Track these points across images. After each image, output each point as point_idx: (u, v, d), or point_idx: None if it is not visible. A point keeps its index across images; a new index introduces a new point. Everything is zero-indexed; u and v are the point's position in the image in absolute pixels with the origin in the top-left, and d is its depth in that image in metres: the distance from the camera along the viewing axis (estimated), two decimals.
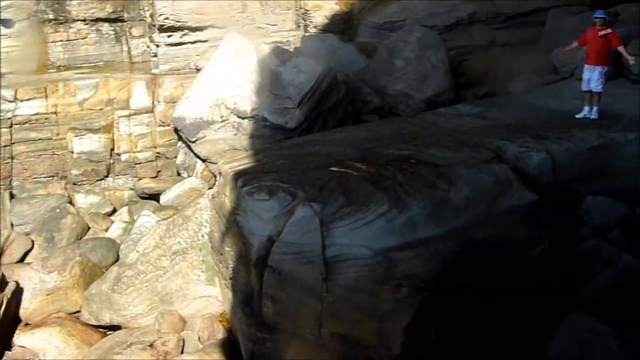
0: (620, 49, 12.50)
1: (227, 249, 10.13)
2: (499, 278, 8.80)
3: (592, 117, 12.63)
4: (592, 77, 12.57)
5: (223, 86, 14.91)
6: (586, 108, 12.78)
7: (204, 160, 15.36)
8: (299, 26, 19.08)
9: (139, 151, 16.57)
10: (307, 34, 18.82)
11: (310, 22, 18.97)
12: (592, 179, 11.45)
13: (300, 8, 18.98)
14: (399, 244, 8.41)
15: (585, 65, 12.73)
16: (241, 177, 10.07)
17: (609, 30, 12.47)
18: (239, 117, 14.63)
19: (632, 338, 7.92)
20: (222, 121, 14.77)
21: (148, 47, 18.38)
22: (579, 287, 9.45)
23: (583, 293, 9.39)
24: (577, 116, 12.76)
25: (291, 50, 17.30)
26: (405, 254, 8.35)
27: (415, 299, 8.28)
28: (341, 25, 19.12)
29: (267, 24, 18.52)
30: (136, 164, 16.60)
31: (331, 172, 9.90)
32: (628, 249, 10.44)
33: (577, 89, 13.18)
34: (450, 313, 8.53)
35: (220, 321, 11.09)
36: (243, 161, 10.95)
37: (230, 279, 10.06)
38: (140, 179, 16.54)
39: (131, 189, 16.59)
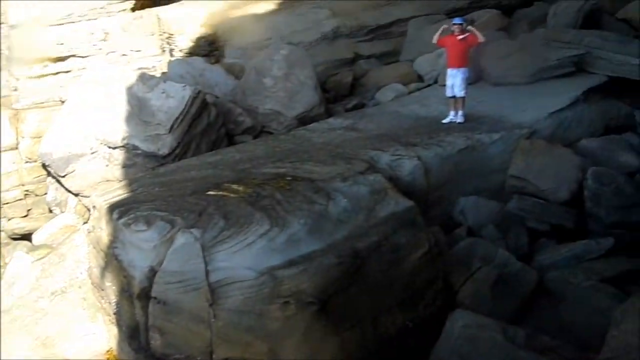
0: (478, 37, 13.07)
1: (108, 283, 9.83)
2: (384, 286, 8.96)
3: (458, 121, 13.13)
4: (455, 83, 13.08)
5: (90, 117, 14.46)
6: (452, 113, 13.26)
7: (76, 195, 14.85)
8: (164, 51, 18.87)
9: (6, 190, 15.91)
10: (173, 58, 18.64)
11: (175, 46, 18.82)
12: (463, 180, 11.90)
13: (164, 32, 18.80)
14: (283, 262, 8.40)
15: (448, 71, 13.23)
16: (117, 209, 9.79)
17: (467, 34, 13.02)
18: (110, 147, 14.25)
19: (514, 329, 8.21)
20: (92, 153, 14.32)
21: (7, 80, 17.66)
22: (460, 286, 9.76)
23: (463, 291, 9.70)
24: (443, 121, 13.23)
25: (158, 75, 17.08)
26: (289, 271, 8.34)
27: (305, 314, 8.29)
28: (207, 48, 19.06)
29: (131, 50, 18.22)
30: (4, 204, 15.90)
31: (208, 196, 9.80)
32: (503, 243, 10.92)
33: (442, 95, 13.69)
34: (343, 326, 8.60)
35: (108, 358, 10.76)
36: (117, 192, 10.67)
37: (114, 314, 9.76)
38: (9, 219, 15.91)
39: (0, 231, 15.88)
